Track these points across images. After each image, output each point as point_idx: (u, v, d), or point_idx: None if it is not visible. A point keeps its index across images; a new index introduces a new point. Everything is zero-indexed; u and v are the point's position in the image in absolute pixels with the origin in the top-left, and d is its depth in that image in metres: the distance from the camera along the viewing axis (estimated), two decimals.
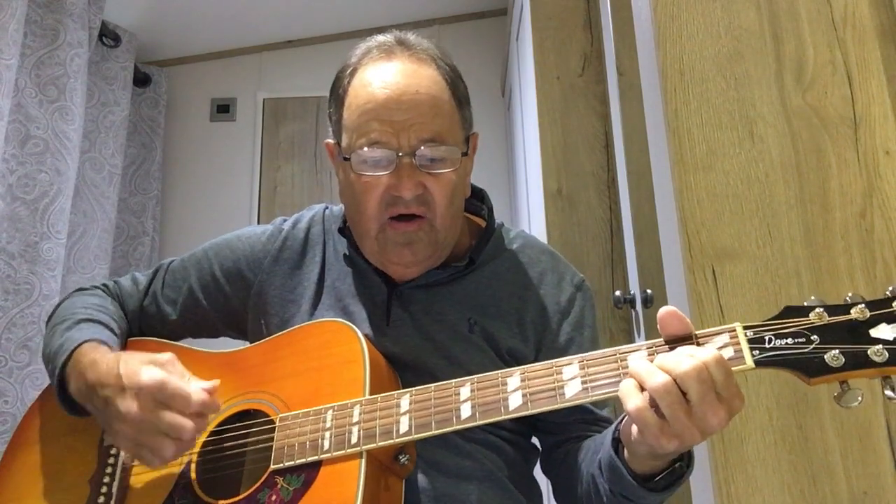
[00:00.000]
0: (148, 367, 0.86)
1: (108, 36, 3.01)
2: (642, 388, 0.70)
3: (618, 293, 1.87)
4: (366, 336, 0.95)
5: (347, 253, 1.05)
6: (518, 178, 2.92)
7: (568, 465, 0.96)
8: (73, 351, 0.95)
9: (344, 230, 1.05)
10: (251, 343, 1.08)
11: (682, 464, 0.77)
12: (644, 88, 1.40)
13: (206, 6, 3.14)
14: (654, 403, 0.69)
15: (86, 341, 0.96)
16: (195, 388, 0.85)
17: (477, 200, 1.10)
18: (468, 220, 1.08)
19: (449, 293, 1.01)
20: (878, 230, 1.15)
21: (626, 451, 0.78)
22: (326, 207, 1.14)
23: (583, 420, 0.98)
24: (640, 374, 0.69)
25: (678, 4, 1.25)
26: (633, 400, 0.69)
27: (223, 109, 3.44)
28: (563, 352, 0.99)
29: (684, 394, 0.68)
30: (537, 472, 1.05)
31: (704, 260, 1.15)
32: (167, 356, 0.89)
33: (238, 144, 3.39)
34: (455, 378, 0.93)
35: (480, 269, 1.03)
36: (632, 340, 1.92)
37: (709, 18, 1.24)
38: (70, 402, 0.96)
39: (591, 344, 1.02)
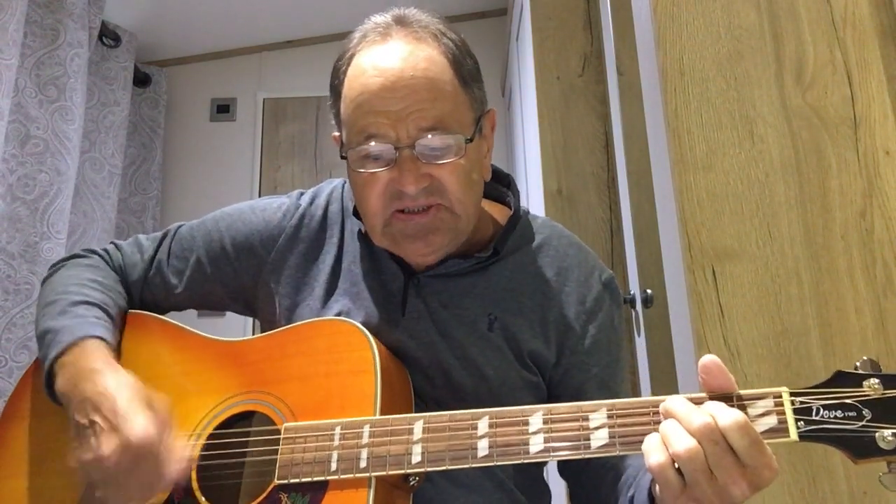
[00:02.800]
0: (143, 417, 0.81)
1: (108, 36, 3.01)
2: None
3: None
4: (376, 327, 0.90)
5: (363, 231, 0.97)
6: (518, 178, 2.91)
7: (591, 478, 0.92)
8: (70, 344, 0.90)
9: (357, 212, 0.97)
10: (260, 320, 1.04)
11: None
12: (644, 88, 1.40)
13: (206, 6, 3.14)
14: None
15: (85, 337, 0.91)
16: (179, 455, 0.82)
17: (502, 185, 1.03)
18: (491, 206, 1.01)
19: (469, 284, 0.95)
20: (878, 230, 1.15)
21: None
22: (345, 182, 1.05)
23: None
24: (666, 433, 0.66)
25: (678, 4, 1.25)
26: (655, 456, 0.65)
27: (223, 109, 3.44)
28: (587, 354, 0.95)
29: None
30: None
31: (704, 260, 1.15)
32: (164, 404, 0.84)
33: (238, 144, 3.39)
34: (470, 379, 0.90)
35: (504, 261, 0.96)
36: (632, 340, 1.92)
37: (709, 18, 1.24)
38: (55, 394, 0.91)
39: (617, 348, 0.98)
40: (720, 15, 1.24)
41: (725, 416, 0.64)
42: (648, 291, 1.70)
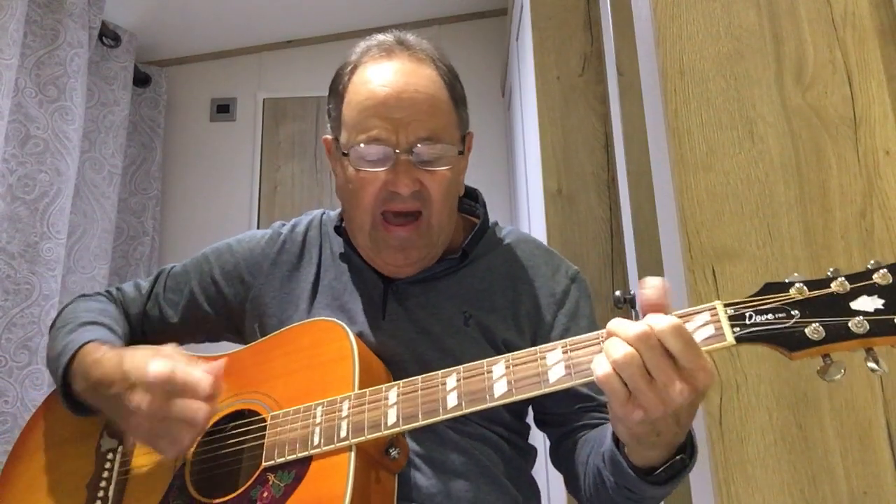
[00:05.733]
0: (154, 359, 0.86)
1: (108, 36, 3.01)
2: None
3: (618, 293, 1.87)
4: (359, 333, 0.96)
5: (343, 251, 1.07)
6: (518, 178, 2.92)
7: (576, 456, 0.96)
8: (76, 352, 0.96)
9: (340, 229, 1.08)
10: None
11: (684, 456, 0.76)
12: (644, 88, 1.40)
13: (206, 6, 3.14)
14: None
15: (88, 342, 0.97)
16: (201, 374, 0.86)
17: (471, 200, 1.12)
18: (463, 218, 1.10)
19: (444, 287, 1.03)
20: (878, 230, 1.15)
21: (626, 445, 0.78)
22: (324, 213, 1.16)
23: (585, 408, 0.98)
24: (607, 346, 0.70)
25: (678, 4, 1.25)
26: (599, 369, 0.69)
27: (223, 109, 3.44)
28: (559, 340, 1.00)
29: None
30: (536, 472, 1.05)
31: (704, 260, 1.15)
32: (170, 346, 0.90)
33: (238, 144, 3.39)
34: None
35: (475, 264, 1.05)
36: None
37: (709, 18, 1.24)
38: (75, 403, 0.97)
39: (590, 331, 1.02)
40: (720, 15, 1.24)
41: (660, 321, 0.68)
42: None
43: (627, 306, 1.87)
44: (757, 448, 1.07)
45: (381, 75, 0.96)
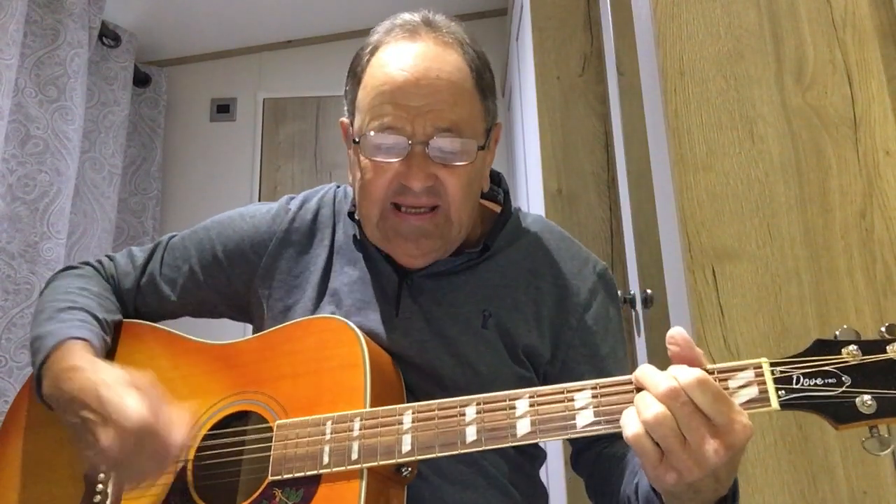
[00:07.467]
0: (132, 398, 0.81)
1: (108, 36, 3.01)
2: None
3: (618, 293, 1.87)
4: (371, 330, 0.91)
5: (358, 237, 1.00)
6: (518, 178, 2.92)
7: (601, 469, 0.92)
8: (52, 348, 0.91)
9: (353, 215, 1.00)
10: (254, 326, 1.05)
11: None
12: (644, 88, 1.40)
13: (206, 6, 3.14)
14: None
15: (66, 339, 0.91)
16: (176, 435, 0.82)
17: (493, 184, 1.03)
18: (483, 205, 1.02)
19: (463, 282, 0.95)
20: (878, 230, 1.15)
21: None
22: (339, 186, 1.08)
23: None
24: (638, 403, 0.65)
25: (678, 4, 1.25)
26: (630, 428, 0.65)
27: (223, 109, 3.44)
28: (584, 346, 0.95)
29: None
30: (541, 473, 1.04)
31: (704, 260, 1.15)
32: (147, 380, 0.85)
33: (238, 144, 3.39)
34: (462, 376, 0.91)
35: (496, 257, 0.97)
36: (632, 340, 1.92)
37: (709, 18, 1.24)
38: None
39: (615, 336, 0.98)
40: (720, 15, 1.24)
41: (685, 374, 0.64)
42: (648, 291, 1.70)
43: (628, 306, 1.87)
44: (757, 448, 1.07)
45: (401, 58, 0.88)
